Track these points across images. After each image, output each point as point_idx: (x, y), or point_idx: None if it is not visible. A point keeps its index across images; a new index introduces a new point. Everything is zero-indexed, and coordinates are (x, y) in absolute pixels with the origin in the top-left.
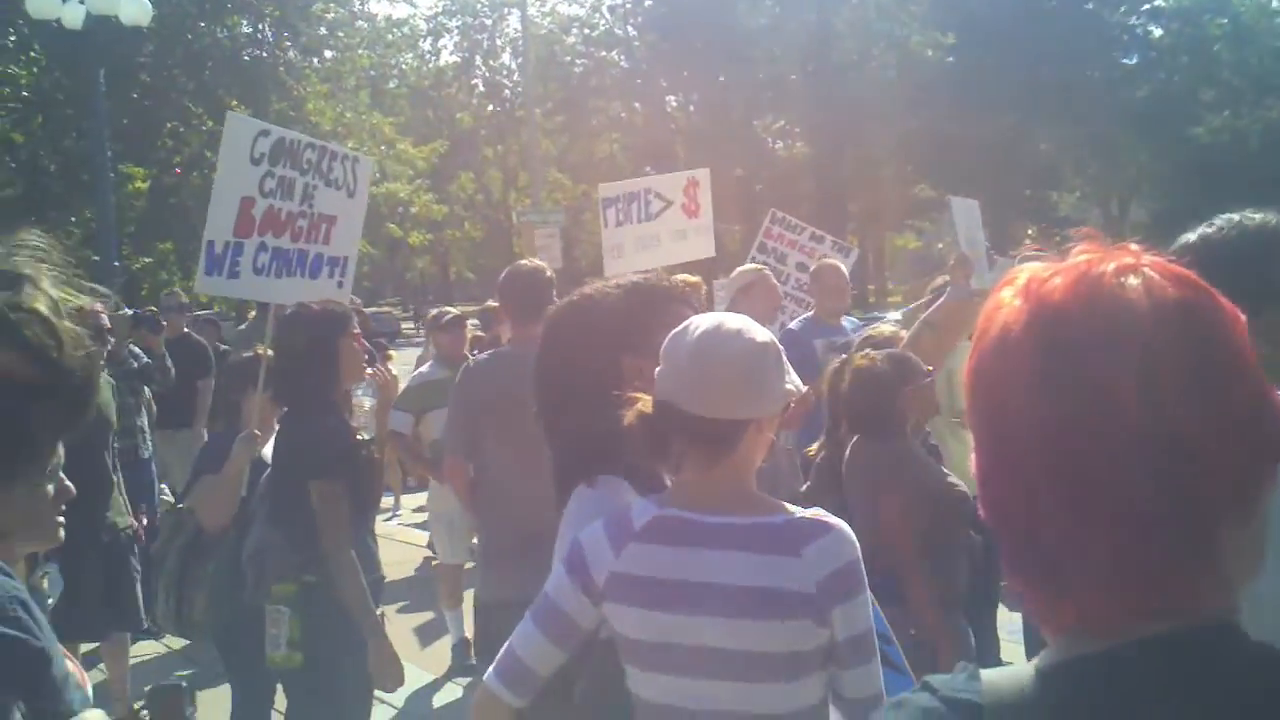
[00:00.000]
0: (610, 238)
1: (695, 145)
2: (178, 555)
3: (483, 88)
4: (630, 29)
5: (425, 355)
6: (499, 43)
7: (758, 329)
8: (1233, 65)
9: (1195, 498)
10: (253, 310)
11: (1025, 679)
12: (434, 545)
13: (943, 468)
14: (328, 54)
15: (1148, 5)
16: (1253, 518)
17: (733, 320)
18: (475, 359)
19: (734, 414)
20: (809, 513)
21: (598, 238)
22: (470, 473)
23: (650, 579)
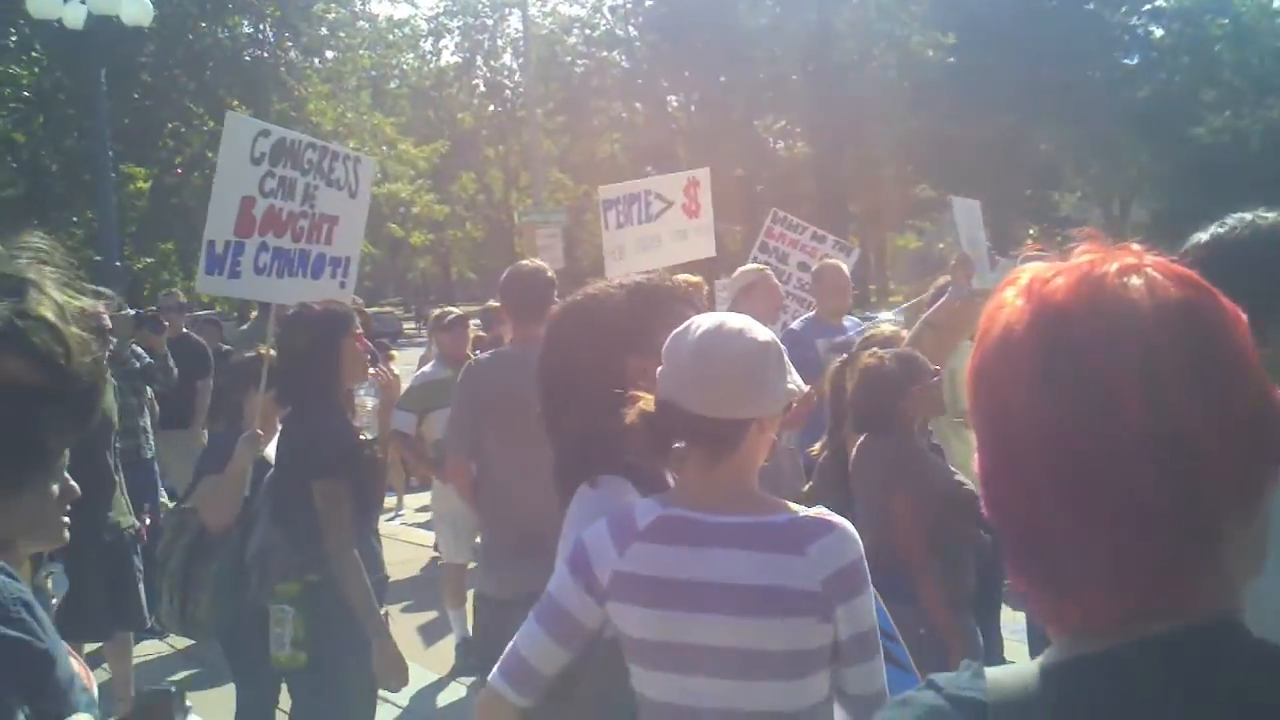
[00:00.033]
0: (611, 240)
1: (696, 145)
2: (181, 555)
3: (484, 88)
4: (631, 29)
5: (428, 355)
6: (500, 43)
7: (759, 329)
8: (1234, 65)
9: (1198, 497)
10: (254, 310)
11: (1029, 677)
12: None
13: (950, 466)
14: (329, 54)
15: (1149, 5)
16: (1255, 517)
17: (734, 320)
18: (477, 358)
19: (736, 413)
20: (812, 511)
21: (599, 238)
22: (473, 472)
23: (654, 578)
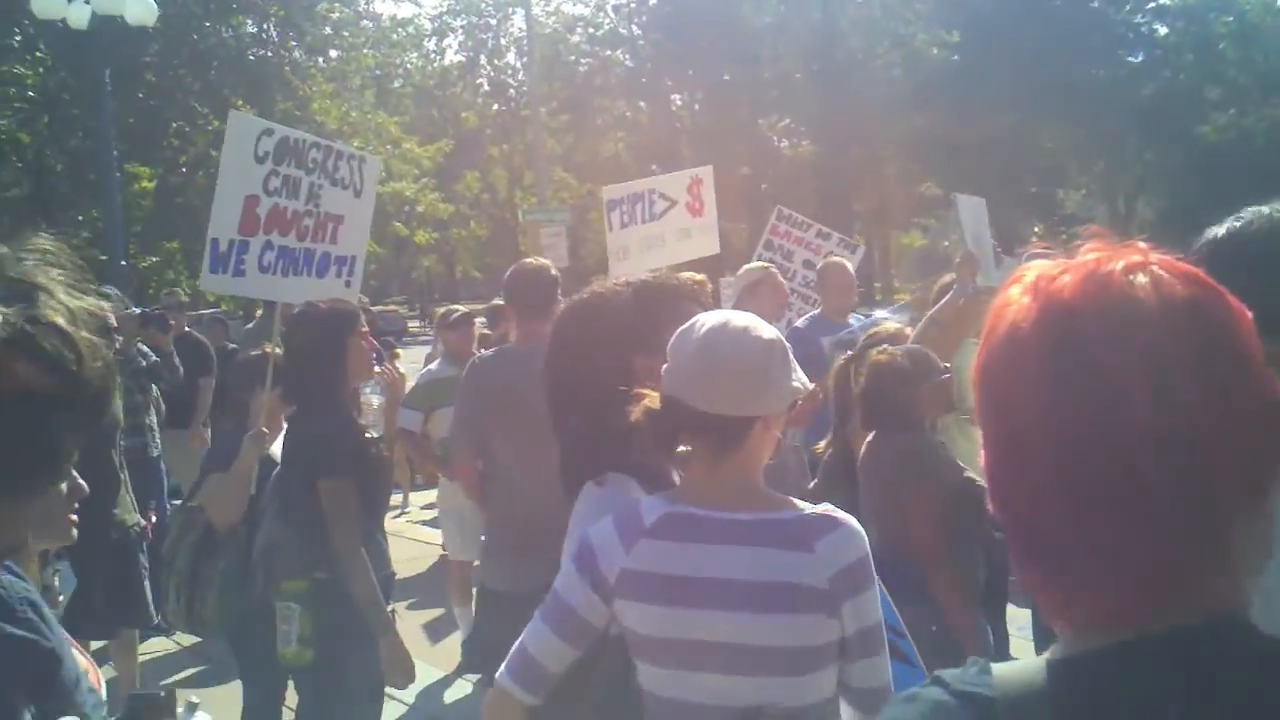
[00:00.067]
0: (615, 240)
1: (701, 144)
2: (188, 553)
3: (488, 87)
4: (635, 28)
5: (434, 353)
6: (504, 42)
7: (764, 326)
8: (1238, 63)
9: (1205, 494)
10: (259, 309)
11: (1036, 673)
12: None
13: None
14: (333, 53)
15: (1153, 3)
16: (1261, 514)
17: (740, 318)
18: (481, 356)
19: (741, 411)
20: (819, 508)
21: (604, 236)
22: (479, 469)
23: (662, 575)
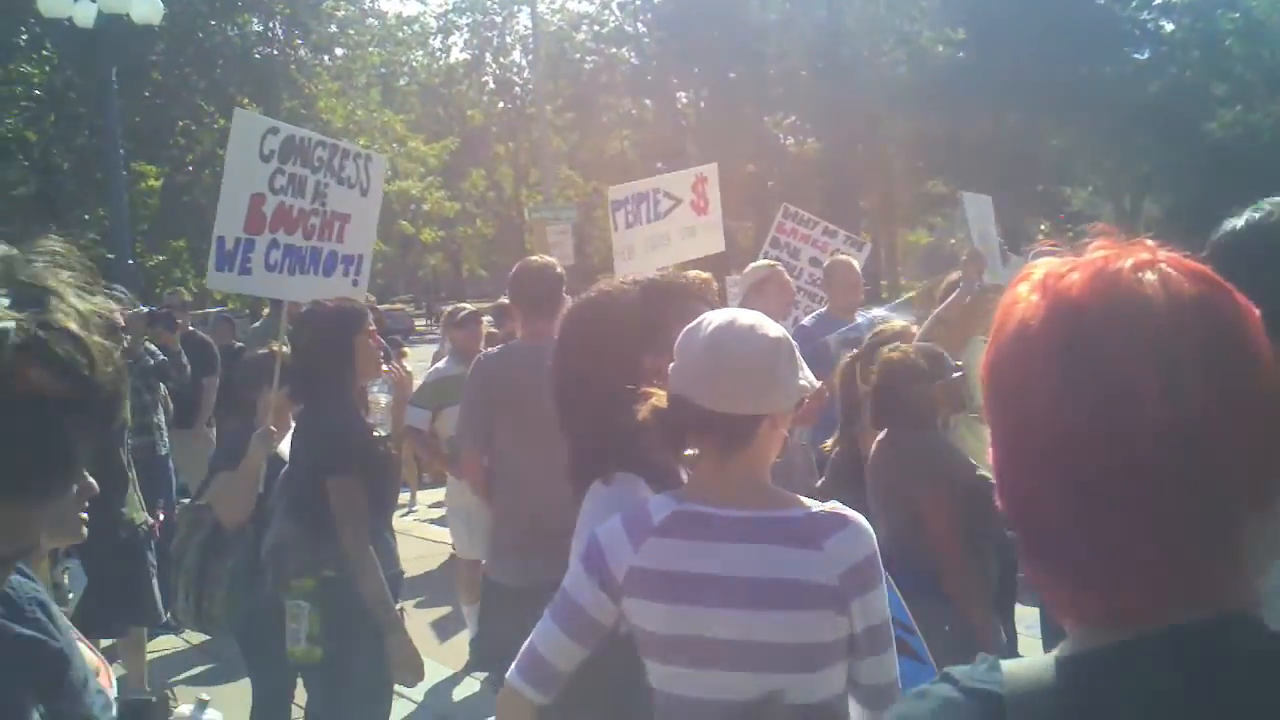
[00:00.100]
0: (620, 240)
1: (706, 142)
2: (196, 551)
3: (493, 85)
4: (640, 26)
5: (441, 351)
6: (509, 40)
7: (771, 325)
8: (1245, 59)
9: (1213, 492)
10: (266, 308)
11: (1045, 670)
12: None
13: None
14: (338, 52)
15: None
16: (1271, 511)
17: (746, 316)
18: (486, 353)
19: (747, 409)
20: (827, 506)
21: (610, 234)
22: (485, 465)
23: (671, 573)
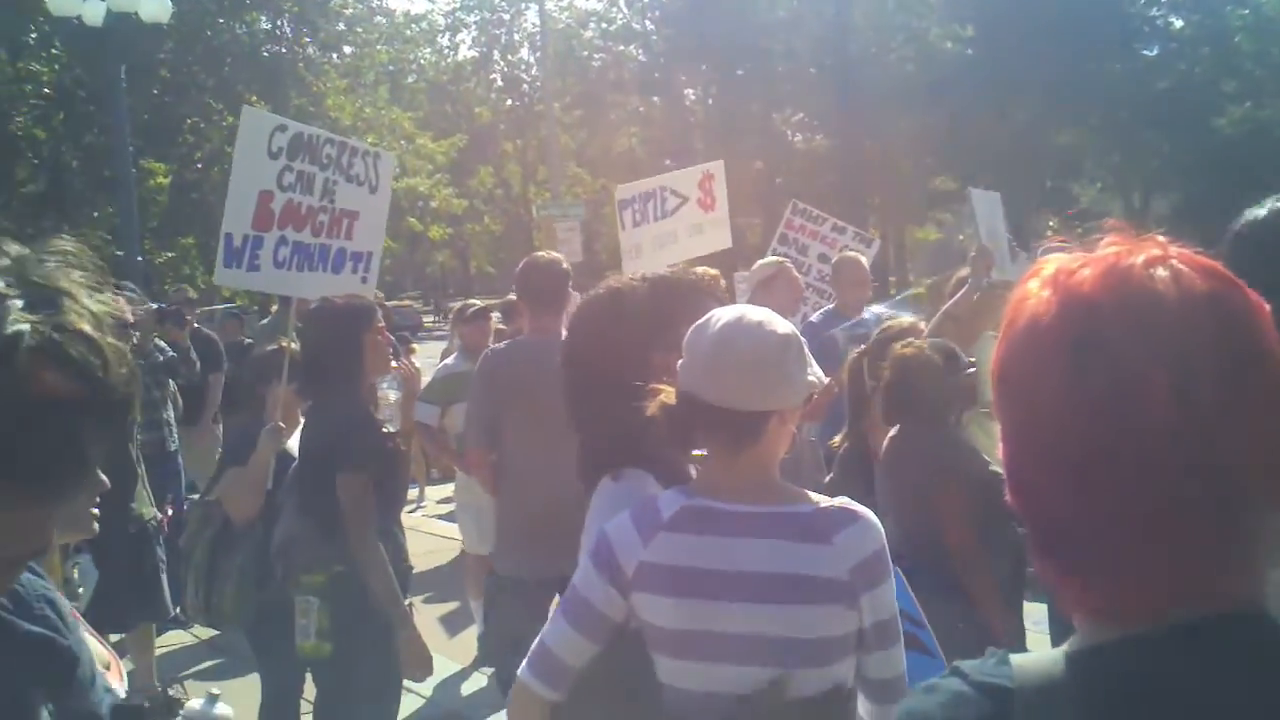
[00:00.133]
0: (628, 239)
1: (714, 139)
2: (206, 547)
3: (501, 82)
4: (648, 23)
5: (450, 348)
6: (517, 37)
7: (779, 321)
8: (1254, 56)
9: (1224, 487)
10: (275, 304)
11: (1054, 663)
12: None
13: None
14: (346, 49)
15: None
16: None
17: (755, 312)
18: (492, 348)
19: (756, 405)
20: (836, 501)
21: (617, 230)
22: (493, 460)
23: (681, 568)
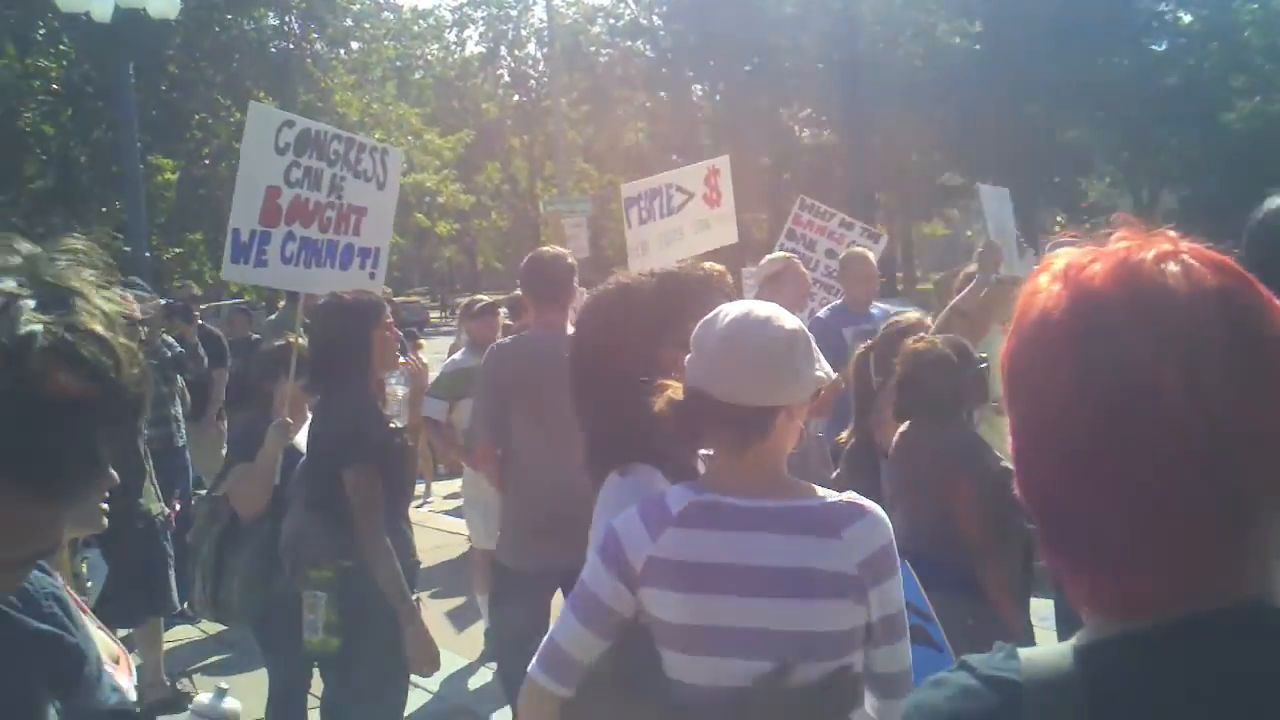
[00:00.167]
0: (634, 236)
1: (721, 134)
2: (213, 542)
3: (508, 78)
4: (655, 18)
5: (457, 343)
6: (524, 33)
7: (787, 317)
8: (1263, 50)
9: (1234, 482)
10: (283, 300)
11: (1063, 658)
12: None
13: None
14: (354, 45)
15: None
16: None
17: (762, 308)
18: (498, 343)
19: (763, 401)
20: (844, 496)
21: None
22: (499, 455)
23: (690, 563)
